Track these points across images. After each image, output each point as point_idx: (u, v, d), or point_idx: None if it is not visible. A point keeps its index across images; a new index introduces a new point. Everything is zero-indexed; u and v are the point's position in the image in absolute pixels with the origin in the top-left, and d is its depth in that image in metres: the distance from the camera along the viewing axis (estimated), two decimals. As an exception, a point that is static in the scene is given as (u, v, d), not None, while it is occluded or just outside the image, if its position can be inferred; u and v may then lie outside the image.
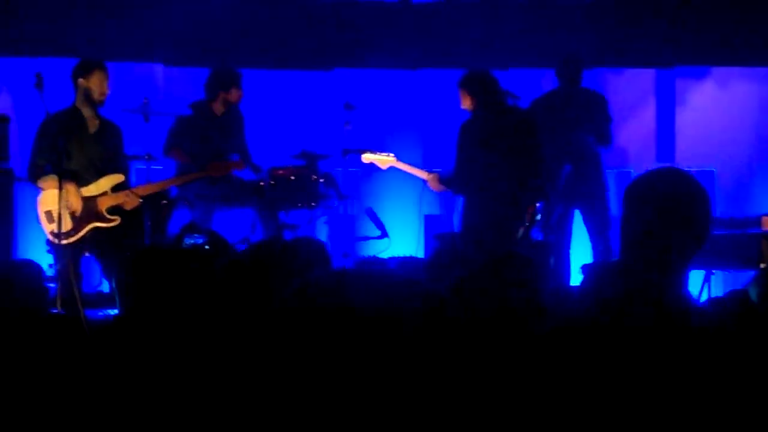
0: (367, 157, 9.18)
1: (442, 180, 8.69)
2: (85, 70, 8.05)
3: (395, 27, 10.59)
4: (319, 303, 1.66)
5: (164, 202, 8.76)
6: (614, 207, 9.34)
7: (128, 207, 8.07)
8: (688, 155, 10.79)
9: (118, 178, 8.11)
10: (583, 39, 10.24)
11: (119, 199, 8.05)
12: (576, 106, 9.19)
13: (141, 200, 8.13)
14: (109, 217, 8.00)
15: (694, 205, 2.91)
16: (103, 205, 8.00)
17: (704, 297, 8.43)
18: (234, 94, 9.55)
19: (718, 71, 11.03)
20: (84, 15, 10.07)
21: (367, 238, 9.82)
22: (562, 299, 4.69)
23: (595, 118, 9.23)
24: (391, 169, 9.17)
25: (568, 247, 9.12)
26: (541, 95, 9.42)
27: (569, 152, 8.99)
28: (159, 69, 10.55)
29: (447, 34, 10.55)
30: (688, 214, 2.90)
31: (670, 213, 2.88)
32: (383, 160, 9.11)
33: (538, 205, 8.33)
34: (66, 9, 10.08)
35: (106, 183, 8.05)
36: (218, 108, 9.55)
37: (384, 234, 9.75)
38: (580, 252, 9.30)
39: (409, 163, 9.11)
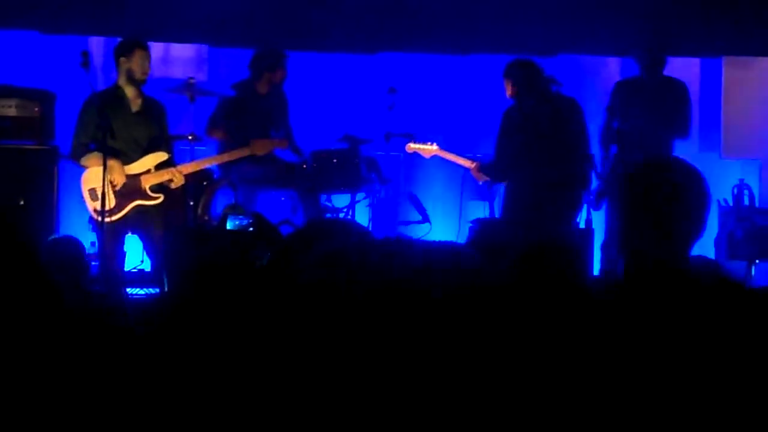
0: (411, 147, 9.19)
1: (482, 168, 8.68)
2: (126, 49, 8.10)
3: (443, 10, 10.53)
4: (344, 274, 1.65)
5: (207, 183, 8.79)
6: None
7: (173, 185, 8.11)
8: (733, 145, 10.70)
9: (161, 156, 8.14)
10: (631, 26, 10.16)
11: (163, 176, 8.08)
12: (656, 95, 9.12)
13: (185, 178, 8.17)
14: (152, 195, 8.05)
15: (689, 194, 2.92)
16: (147, 183, 8.05)
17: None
18: (279, 75, 9.57)
19: (765, 61, 10.91)
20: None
21: (409, 223, 9.82)
22: (608, 287, 4.65)
23: (676, 108, 9.16)
24: (434, 155, 9.18)
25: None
26: (623, 79, 9.38)
27: (641, 140, 8.94)
28: (204, 49, 10.56)
29: (495, 19, 10.48)
30: (684, 204, 2.90)
31: (665, 201, 2.89)
32: (427, 149, 9.12)
33: (581, 192, 8.30)
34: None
35: (149, 161, 8.09)
36: (262, 88, 9.56)
37: (425, 219, 9.74)
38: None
39: (453, 151, 9.10)
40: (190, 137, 8.80)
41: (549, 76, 8.43)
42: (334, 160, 9.34)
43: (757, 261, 9.12)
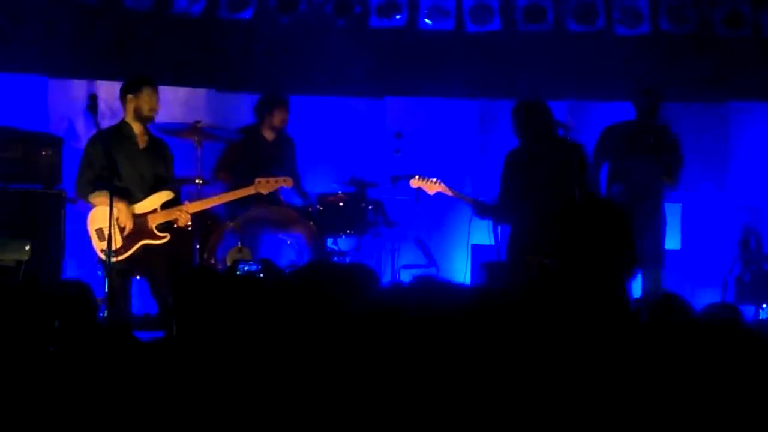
0: (415, 182, 9.17)
1: (484, 208, 8.67)
2: (134, 86, 8.07)
3: (449, 56, 10.57)
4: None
5: (213, 226, 8.78)
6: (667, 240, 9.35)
7: (180, 224, 8.06)
8: (738, 191, 10.69)
9: (167, 195, 8.09)
10: (638, 72, 10.19)
11: (170, 215, 8.03)
12: (649, 140, 9.16)
13: (191, 217, 8.15)
14: (159, 234, 8.00)
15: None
16: (154, 222, 8.00)
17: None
18: (277, 117, 9.56)
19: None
20: (137, 41, 10.14)
21: (415, 266, 9.80)
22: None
23: (668, 157, 9.22)
24: (440, 197, 9.16)
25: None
26: (616, 122, 9.42)
27: (632, 184, 8.97)
28: (211, 94, 10.59)
29: (501, 64, 10.53)
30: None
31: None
32: (431, 185, 9.11)
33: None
34: (119, 35, 10.15)
35: (156, 200, 8.05)
36: (268, 133, 9.60)
37: (432, 263, 9.73)
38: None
39: (457, 190, 9.11)
40: (197, 180, 8.80)
41: (556, 120, 8.46)
42: (341, 204, 9.37)
43: (764, 305, 9.12)
